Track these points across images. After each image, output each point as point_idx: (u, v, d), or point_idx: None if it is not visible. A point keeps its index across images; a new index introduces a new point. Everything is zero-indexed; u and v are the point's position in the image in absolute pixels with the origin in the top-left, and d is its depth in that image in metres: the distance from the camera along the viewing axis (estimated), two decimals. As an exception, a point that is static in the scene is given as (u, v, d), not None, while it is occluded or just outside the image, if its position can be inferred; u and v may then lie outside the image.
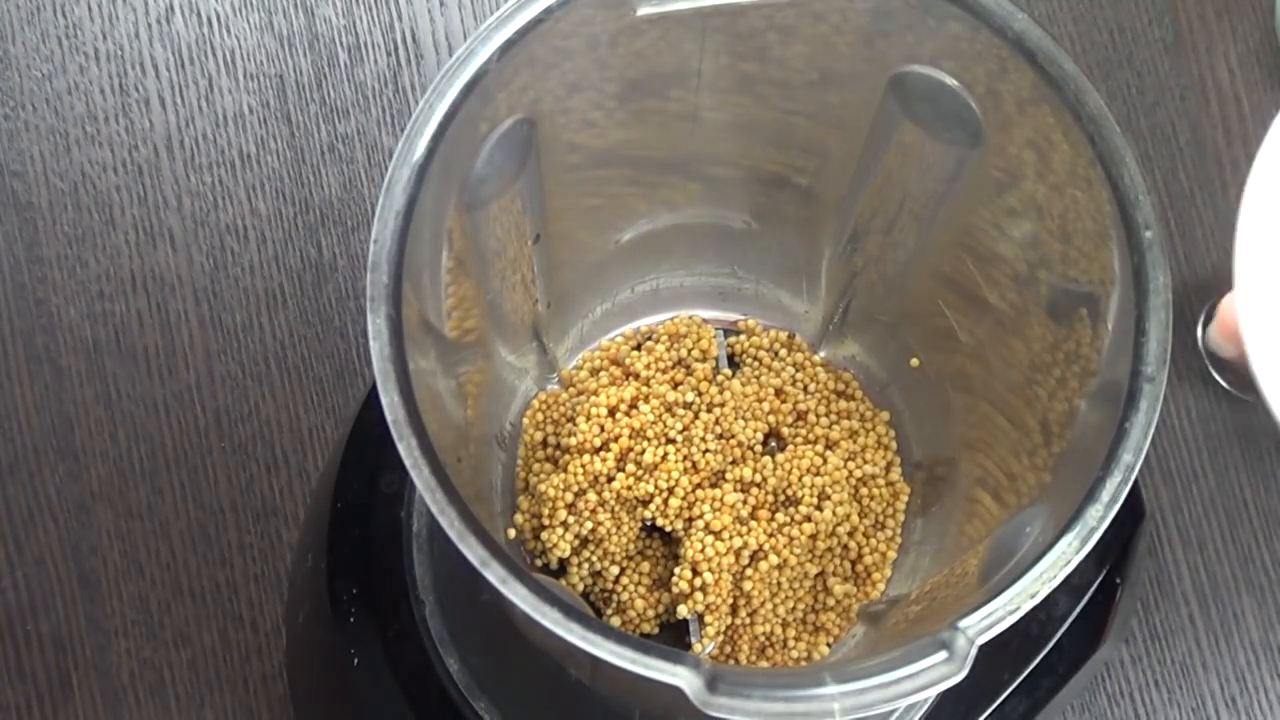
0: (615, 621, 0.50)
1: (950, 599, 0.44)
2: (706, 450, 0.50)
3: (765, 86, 0.47)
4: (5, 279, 0.67)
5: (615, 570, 0.50)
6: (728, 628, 0.50)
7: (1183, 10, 0.70)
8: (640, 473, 0.50)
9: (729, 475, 0.50)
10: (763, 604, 0.50)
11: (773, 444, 0.52)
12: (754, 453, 0.51)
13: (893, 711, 0.51)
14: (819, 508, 0.50)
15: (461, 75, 0.41)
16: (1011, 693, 0.51)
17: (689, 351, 0.53)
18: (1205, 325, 0.67)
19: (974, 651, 0.37)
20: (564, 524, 0.50)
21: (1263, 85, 0.69)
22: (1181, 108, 0.69)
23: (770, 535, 0.50)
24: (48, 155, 0.68)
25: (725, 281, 0.54)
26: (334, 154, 0.69)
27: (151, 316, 0.66)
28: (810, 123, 0.48)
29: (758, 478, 0.50)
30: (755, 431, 0.51)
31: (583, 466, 0.50)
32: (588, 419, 0.50)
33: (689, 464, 0.50)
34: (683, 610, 0.49)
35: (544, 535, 0.50)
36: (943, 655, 0.37)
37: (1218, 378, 0.67)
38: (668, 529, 0.50)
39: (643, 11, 0.42)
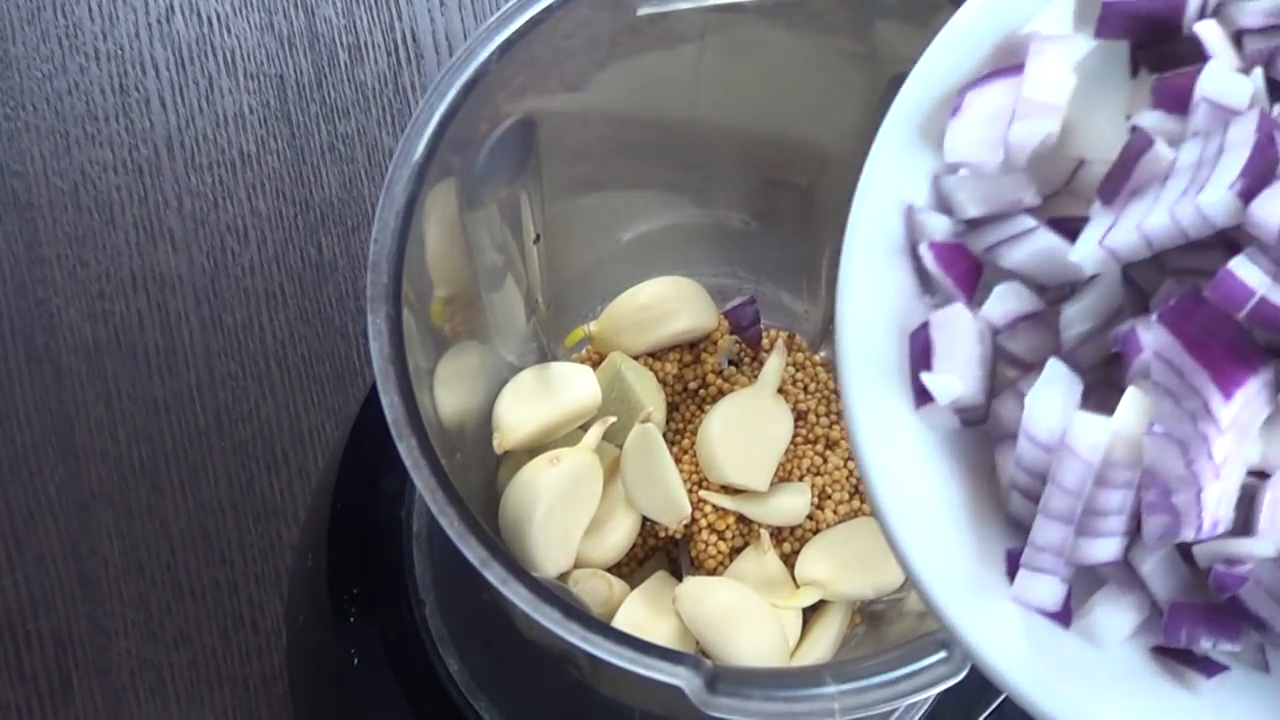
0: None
1: (950, 599, 0.44)
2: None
3: (765, 86, 0.47)
4: (5, 279, 0.67)
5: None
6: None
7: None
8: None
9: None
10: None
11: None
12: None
13: (893, 711, 0.50)
14: (819, 507, 0.50)
15: (461, 75, 0.41)
16: (1011, 693, 0.51)
17: (702, 338, 0.53)
18: None
19: (974, 651, 0.37)
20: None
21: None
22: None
23: (772, 534, 0.50)
24: (48, 155, 0.68)
25: (725, 281, 0.54)
26: (334, 154, 0.69)
27: (151, 316, 0.67)
28: (810, 123, 0.48)
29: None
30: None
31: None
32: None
33: (692, 464, 0.50)
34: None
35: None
36: (942, 655, 0.37)
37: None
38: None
39: (643, 11, 0.42)
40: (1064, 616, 0.30)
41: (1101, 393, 0.29)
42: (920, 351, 0.31)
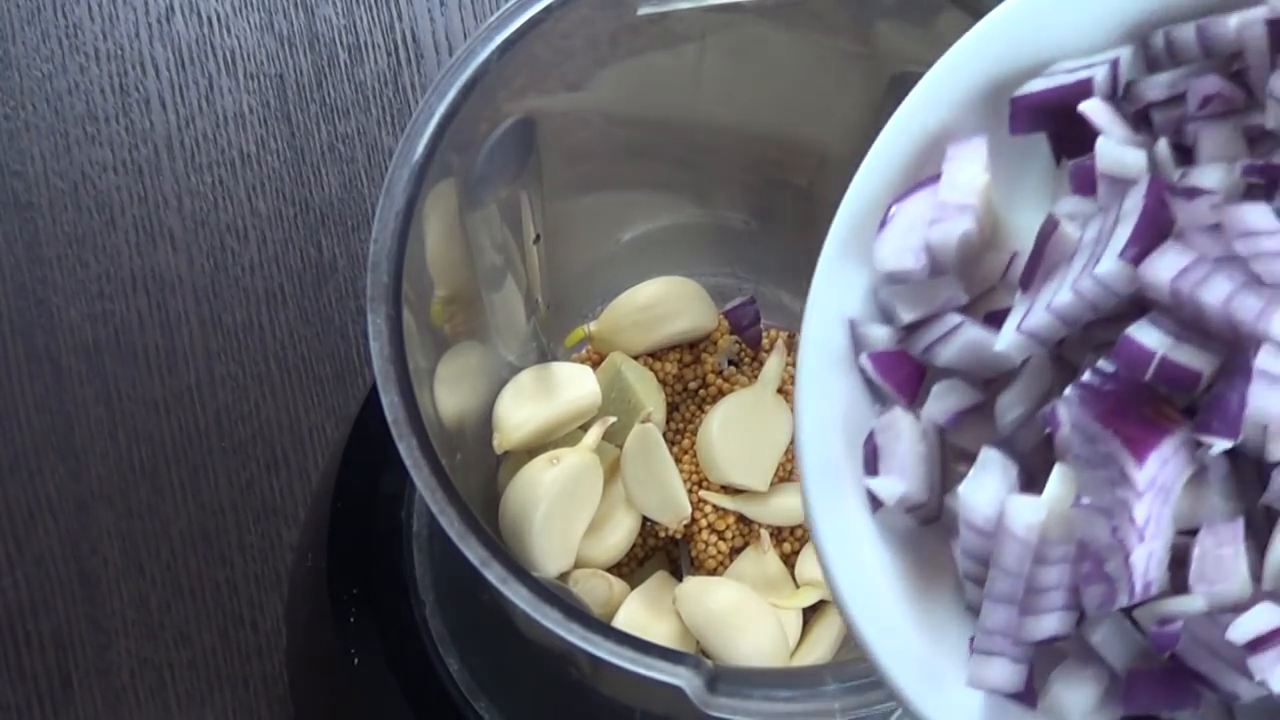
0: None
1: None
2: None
3: (765, 86, 0.47)
4: (5, 279, 0.67)
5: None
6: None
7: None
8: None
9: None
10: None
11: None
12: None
13: (893, 711, 0.50)
14: (819, 508, 0.50)
15: (461, 75, 0.41)
16: (1011, 693, 0.51)
17: (702, 339, 0.53)
18: None
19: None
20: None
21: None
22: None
23: (772, 534, 0.50)
24: (48, 155, 0.68)
25: (725, 281, 0.54)
26: (334, 154, 0.69)
27: (151, 316, 0.67)
28: (810, 123, 0.48)
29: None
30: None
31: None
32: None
33: (692, 464, 0.50)
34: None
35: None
36: (943, 655, 0.37)
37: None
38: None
39: (643, 11, 0.42)
40: (1028, 697, 0.30)
41: (1048, 475, 0.29)
42: (871, 457, 0.32)
